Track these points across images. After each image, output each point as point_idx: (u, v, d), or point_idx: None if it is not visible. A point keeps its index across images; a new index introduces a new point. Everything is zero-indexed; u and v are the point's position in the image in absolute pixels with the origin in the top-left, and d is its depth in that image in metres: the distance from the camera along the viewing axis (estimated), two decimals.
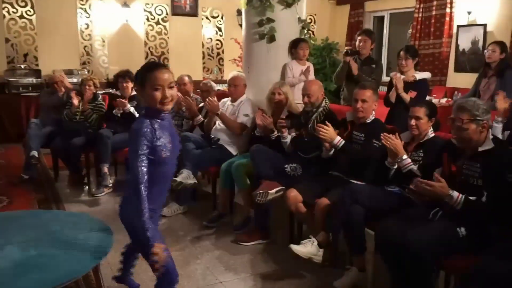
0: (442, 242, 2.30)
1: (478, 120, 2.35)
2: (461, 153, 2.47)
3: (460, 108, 2.40)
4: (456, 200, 2.31)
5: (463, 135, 2.38)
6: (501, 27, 6.32)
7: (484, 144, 2.40)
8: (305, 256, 2.87)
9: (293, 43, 4.37)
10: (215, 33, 8.51)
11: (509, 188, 2.24)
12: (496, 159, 2.33)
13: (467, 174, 2.40)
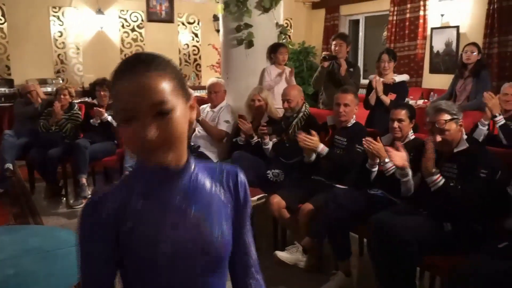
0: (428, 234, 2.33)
1: (457, 119, 2.40)
2: (438, 155, 2.50)
3: (437, 110, 2.44)
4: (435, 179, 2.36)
5: (445, 137, 2.41)
6: (473, 28, 6.45)
7: (459, 145, 2.43)
8: (290, 262, 2.86)
9: (272, 48, 4.38)
10: (192, 39, 8.46)
11: (482, 184, 2.30)
12: (472, 157, 2.38)
13: (446, 176, 2.43)
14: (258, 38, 4.26)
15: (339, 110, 3.15)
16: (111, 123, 4.55)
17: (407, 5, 7.26)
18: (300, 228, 3.00)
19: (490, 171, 2.33)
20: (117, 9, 7.68)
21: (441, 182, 2.38)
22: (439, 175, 2.39)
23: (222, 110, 4.07)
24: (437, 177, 2.38)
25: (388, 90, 3.96)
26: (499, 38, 6.02)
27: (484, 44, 6.10)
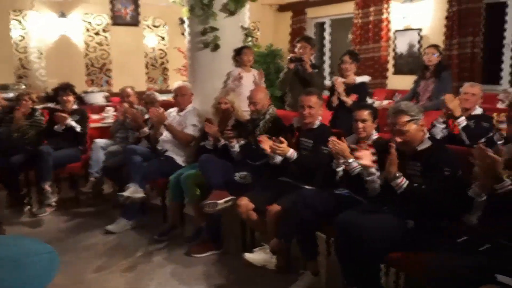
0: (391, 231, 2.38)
1: (415, 120, 2.47)
2: (401, 154, 2.56)
3: (397, 112, 2.51)
4: (399, 182, 2.41)
5: (405, 137, 2.48)
6: (434, 31, 6.64)
7: (422, 144, 2.51)
8: (259, 263, 2.86)
9: (237, 51, 4.39)
10: (158, 43, 8.38)
11: (446, 181, 2.37)
12: (435, 156, 2.45)
13: (409, 174, 2.50)
14: (224, 41, 4.26)
15: (303, 112, 3.19)
16: (75, 128, 4.46)
17: (370, 8, 7.41)
18: (268, 229, 3.02)
19: (452, 169, 2.41)
20: (81, 12, 7.53)
21: (405, 185, 2.44)
22: (403, 178, 2.44)
23: (189, 114, 4.05)
24: (401, 180, 2.44)
25: (349, 91, 4.04)
26: (459, 40, 6.22)
27: (445, 45, 6.29)
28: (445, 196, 2.35)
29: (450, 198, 2.35)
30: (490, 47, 6.25)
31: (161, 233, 3.72)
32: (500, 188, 2.00)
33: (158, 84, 8.40)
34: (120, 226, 3.88)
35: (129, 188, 3.61)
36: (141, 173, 3.75)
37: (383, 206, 2.60)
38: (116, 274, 3.17)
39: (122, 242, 3.70)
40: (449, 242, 2.23)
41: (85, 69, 7.66)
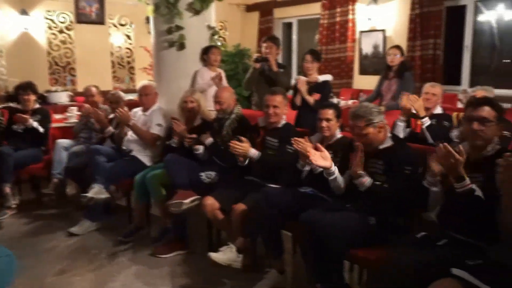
0: (353, 228, 2.42)
1: (373, 123, 2.53)
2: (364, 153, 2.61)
3: (355, 116, 2.57)
4: (363, 181, 2.49)
5: (364, 140, 2.54)
6: (398, 32, 6.80)
7: (384, 143, 2.57)
8: (225, 263, 2.86)
9: (204, 50, 4.38)
10: (124, 41, 8.25)
11: (407, 179, 2.44)
12: (396, 154, 2.51)
13: (372, 171, 2.56)
14: (190, 40, 4.24)
15: (268, 111, 3.21)
16: (37, 129, 4.35)
17: (336, 9, 7.51)
18: (234, 228, 3.02)
19: (413, 167, 2.48)
20: (43, 9, 7.34)
21: (369, 184, 2.50)
22: (366, 177, 2.50)
23: (154, 113, 4.01)
24: (365, 179, 2.50)
25: (312, 90, 4.09)
26: (421, 41, 6.38)
27: (408, 47, 6.45)
28: (406, 193, 2.41)
29: (410, 196, 2.42)
30: (450, 49, 6.44)
31: (126, 234, 3.67)
32: (460, 187, 2.05)
33: (125, 83, 8.27)
34: (83, 227, 3.80)
35: (92, 189, 3.54)
36: (105, 174, 3.69)
37: (347, 203, 2.64)
38: (78, 277, 3.11)
39: (85, 244, 3.63)
40: (409, 237, 2.29)
41: (48, 68, 7.47)
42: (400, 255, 2.07)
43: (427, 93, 3.82)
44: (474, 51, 6.34)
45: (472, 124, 2.17)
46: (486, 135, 2.15)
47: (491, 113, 2.15)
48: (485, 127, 2.15)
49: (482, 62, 6.56)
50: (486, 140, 2.17)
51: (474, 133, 2.17)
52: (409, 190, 2.38)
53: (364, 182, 2.51)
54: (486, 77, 6.41)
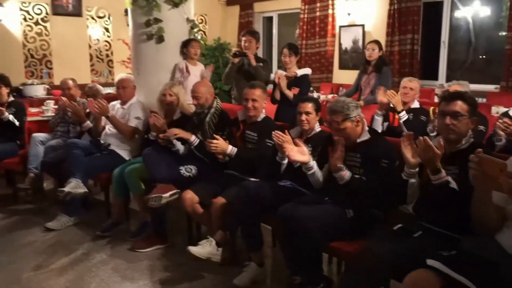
0: (331, 220, 2.44)
1: (351, 118, 2.55)
2: None
3: (332, 112, 2.59)
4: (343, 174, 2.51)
5: (342, 134, 2.56)
6: (377, 27, 6.86)
7: (361, 136, 2.60)
8: (204, 256, 2.85)
9: (184, 43, 4.35)
10: (103, 34, 8.13)
11: (384, 173, 2.46)
12: (373, 148, 2.54)
13: (350, 164, 2.58)
14: (169, 33, 4.19)
15: (247, 105, 3.21)
16: (13, 122, 4.26)
17: (316, 3, 7.54)
18: (213, 222, 3.02)
19: (390, 160, 2.51)
20: (18, 0, 7.18)
21: (348, 177, 2.52)
22: (346, 170, 2.52)
23: (133, 107, 3.96)
24: (344, 172, 2.52)
25: (291, 84, 4.10)
26: (399, 36, 6.46)
27: (387, 42, 6.52)
28: (384, 186, 2.45)
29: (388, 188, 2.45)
30: (428, 44, 6.53)
31: (104, 229, 3.64)
32: (436, 179, 2.09)
33: (104, 77, 8.16)
34: (60, 222, 3.75)
35: (70, 183, 3.49)
36: (83, 168, 3.63)
37: (325, 197, 2.67)
38: (55, 272, 3.07)
39: (63, 239, 3.58)
40: (386, 230, 2.33)
41: (24, 61, 7.33)
42: (376, 247, 2.10)
43: (405, 88, 3.88)
44: (451, 46, 6.44)
45: (445, 118, 2.21)
46: (458, 129, 2.19)
47: (464, 107, 2.19)
48: (457, 121, 2.18)
49: (458, 57, 6.68)
50: (459, 134, 2.20)
51: (446, 127, 2.21)
52: (386, 183, 2.42)
53: (344, 176, 2.53)
54: (462, 72, 6.53)
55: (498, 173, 1.58)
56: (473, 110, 2.22)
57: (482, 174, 1.67)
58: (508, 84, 5.49)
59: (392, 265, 2.00)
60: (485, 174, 1.66)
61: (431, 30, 6.50)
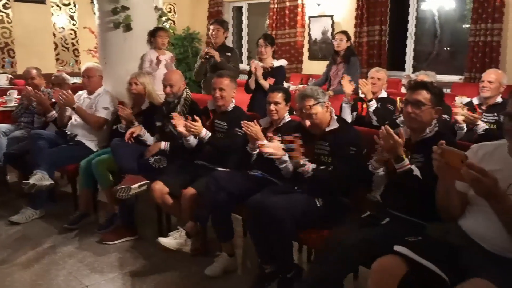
0: (301, 209, 2.46)
1: (321, 102, 2.57)
2: (311, 135, 2.66)
3: (303, 97, 2.60)
4: (306, 169, 2.52)
5: (314, 120, 2.58)
6: (346, 18, 6.92)
7: (330, 125, 2.62)
8: (174, 247, 2.84)
9: (151, 32, 4.28)
10: (68, 22, 7.90)
11: (351, 160, 2.49)
12: (341, 136, 2.57)
13: (318, 153, 2.61)
14: (137, 22, 4.12)
15: (215, 94, 3.19)
16: None
17: None
18: (183, 213, 3.00)
19: (358, 148, 2.54)
20: None
21: (313, 169, 2.53)
22: (309, 164, 2.54)
23: (100, 97, 3.87)
24: (307, 166, 2.54)
25: (267, 74, 4.10)
26: (367, 28, 6.54)
27: (355, 33, 6.59)
28: (351, 173, 2.48)
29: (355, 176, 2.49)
30: (395, 36, 6.64)
31: (71, 222, 3.56)
32: (400, 167, 2.14)
33: (70, 66, 7.95)
34: (26, 216, 3.65)
35: (34, 176, 3.39)
36: (48, 160, 3.54)
37: (295, 186, 2.69)
38: (20, 267, 2.99)
39: (28, 233, 3.49)
40: (354, 217, 2.37)
41: None
42: (345, 235, 2.14)
43: (372, 78, 3.95)
44: (417, 38, 6.57)
45: (407, 107, 2.25)
46: (420, 118, 2.23)
47: (427, 97, 2.23)
48: (419, 110, 2.22)
49: (424, 49, 6.82)
50: (421, 123, 2.25)
51: (408, 115, 2.26)
52: (354, 170, 2.45)
53: (308, 169, 2.54)
54: (428, 63, 6.67)
55: (460, 164, 1.63)
56: (437, 100, 2.26)
57: (444, 165, 1.72)
58: (471, 75, 5.65)
59: (360, 252, 2.04)
60: (448, 165, 1.70)
61: (399, 21, 6.61)
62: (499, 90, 3.37)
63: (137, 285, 2.79)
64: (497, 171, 1.81)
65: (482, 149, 1.96)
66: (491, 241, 1.76)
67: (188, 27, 8.44)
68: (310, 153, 2.62)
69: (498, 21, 5.34)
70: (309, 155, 2.60)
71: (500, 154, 1.87)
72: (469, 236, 1.84)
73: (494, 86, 3.38)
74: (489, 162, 1.88)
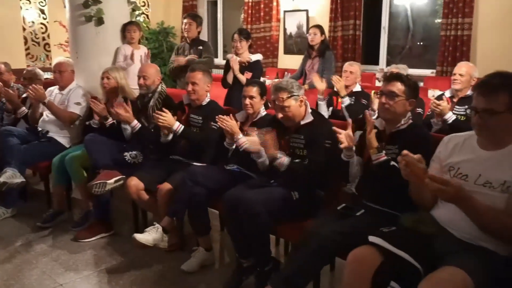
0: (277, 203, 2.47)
1: (295, 96, 2.58)
2: (286, 128, 2.67)
3: (278, 89, 2.61)
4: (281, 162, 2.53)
5: (286, 113, 2.59)
6: (320, 13, 6.94)
7: (305, 118, 2.63)
8: (150, 243, 2.80)
9: (123, 26, 4.21)
10: (38, 16, 7.70)
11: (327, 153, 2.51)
12: (316, 129, 2.59)
13: (294, 146, 2.62)
14: (109, 15, 4.03)
15: (188, 88, 3.17)
16: None
17: None
18: (160, 208, 2.98)
19: (333, 141, 2.55)
20: None
21: (287, 162, 2.55)
22: (283, 157, 2.55)
23: (72, 92, 3.79)
24: (282, 159, 2.55)
25: (244, 69, 4.10)
26: (342, 22, 6.57)
27: (330, 27, 6.62)
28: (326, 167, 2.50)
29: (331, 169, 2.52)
30: (369, 30, 6.71)
31: (45, 220, 3.50)
32: (375, 158, 2.18)
33: (41, 61, 7.76)
34: None
35: (5, 173, 3.30)
36: (19, 157, 3.45)
37: (271, 179, 2.69)
38: None
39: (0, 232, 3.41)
40: (330, 210, 2.39)
41: None
42: (320, 227, 2.16)
43: (346, 71, 4.01)
44: (391, 32, 6.64)
45: (382, 97, 2.29)
46: (393, 109, 2.26)
47: (400, 89, 2.27)
48: (393, 101, 2.26)
49: (398, 43, 6.91)
50: (394, 114, 2.28)
51: (382, 106, 2.29)
52: (328, 164, 2.47)
53: (283, 162, 2.55)
54: (401, 57, 6.77)
55: (422, 175, 1.71)
56: (411, 92, 2.30)
57: (410, 173, 1.78)
58: (443, 68, 5.75)
59: (335, 243, 2.07)
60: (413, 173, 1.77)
61: (372, 16, 6.67)
62: (470, 83, 3.43)
63: (113, 282, 2.76)
64: (468, 161, 1.87)
65: (452, 140, 2.00)
66: (461, 229, 1.81)
67: (162, 21, 8.34)
68: (286, 147, 2.64)
69: (469, 16, 5.44)
70: (284, 149, 2.61)
71: (470, 144, 1.92)
72: (441, 225, 1.88)
73: (465, 79, 3.45)
74: (459, 152, 1.93)
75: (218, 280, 2.77)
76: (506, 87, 1.74)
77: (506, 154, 1.78)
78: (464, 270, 1.58)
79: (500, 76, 1.78)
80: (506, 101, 1.73)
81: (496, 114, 1.73)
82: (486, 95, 1.75)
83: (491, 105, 1.74)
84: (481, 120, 1.77)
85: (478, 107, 1.78)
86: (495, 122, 1.75)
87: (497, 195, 1.75)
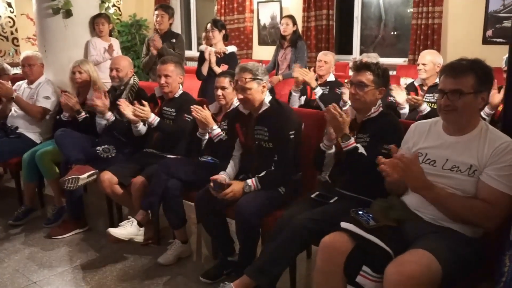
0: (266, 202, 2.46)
1: (258, 79, 2.55)
2: (248, 120, 2.65)
3: (242, 69, 2.57)
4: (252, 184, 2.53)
5: (247, 95, 2.54)
6: (294, 3, 6.93)
7: (262, 106, 2.60)
8: (126, 237, 2.78)
9: (91, 19, 4.14)
10: (5, 9, 7.48)
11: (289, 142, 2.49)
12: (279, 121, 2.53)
13: (259, 138, 2.59)
14: (78, 7, 3.96)
15: (161, 81, 3.14)
16: None
17: None
18: (134, 202, 2.95)
19: (296, 131, 2.54)
20: None
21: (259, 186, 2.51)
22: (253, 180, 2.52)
23: (41, 86, 3.70)
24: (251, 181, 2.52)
25: (220, 61, 4.08)
26: (315, 12, 6.58)
27: (303, 17, 6.62)
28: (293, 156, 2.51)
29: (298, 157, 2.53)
30: (342, 20, 6.74)
31: (16, 217, 3.43)
32: (345, 145, 2.20)
33: (9, 56, 7.55)
34: None
35: None
36: None
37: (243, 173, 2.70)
38: None
39: None
40: (304, 198, 2.41)
41: None
42: (294, 215, 2.18)
43: (320, 61, 4.02)
44: (364, 22, 6.69)
45: (352, 88, 2.30)
46: (363, 98, 2.28)
47: (369, 78, 2.28)
48: (362, 91, 2.27)
49: (371, 33, 6.97)
50: (364, 103, 2.30)
51: (353, 96, 2.31)
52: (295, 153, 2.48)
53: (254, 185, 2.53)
54: (374, 46, 6.83)
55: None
56: (380, 81, 2.31)
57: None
58: (415, 57, 5.82)
59: (309, 231, 2.09)
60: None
61: (345, 6, 6.70)
62: (435, 70, 3.46)
63: (88, 278, 2.73)
64: (434, 147, 1.91)
65: (418, 128, 2.04)
66: (429, 212, 1.85)
67: (134, 13, 8.20)
68: (252, 139, 2.62)
69: (439, 4, 5.51)
70: (249, 141, 2.60)
71: (436, 130, 1.96)
72: (411, 210, 1.91)
73: (428, 67, 3.48)
74: (426, 139, 1.96)
75: (196, 272, 2.75)
76: (473, 70, 1.79)
77: (472, 139, 1.83)
78: (430, 251, 1.62)
79: (467, 60, 1.83)
80: (473, 83, 1.78)
81: (464, 95, 1.77)
82: (455, 76, 1.79)
83: (459, 85, 1.78)
84: (449, 101, 1.80)
85: (446, 88, 1.81)
86: (462, 104, 1.78)
87: (465, 178, 1.79)
